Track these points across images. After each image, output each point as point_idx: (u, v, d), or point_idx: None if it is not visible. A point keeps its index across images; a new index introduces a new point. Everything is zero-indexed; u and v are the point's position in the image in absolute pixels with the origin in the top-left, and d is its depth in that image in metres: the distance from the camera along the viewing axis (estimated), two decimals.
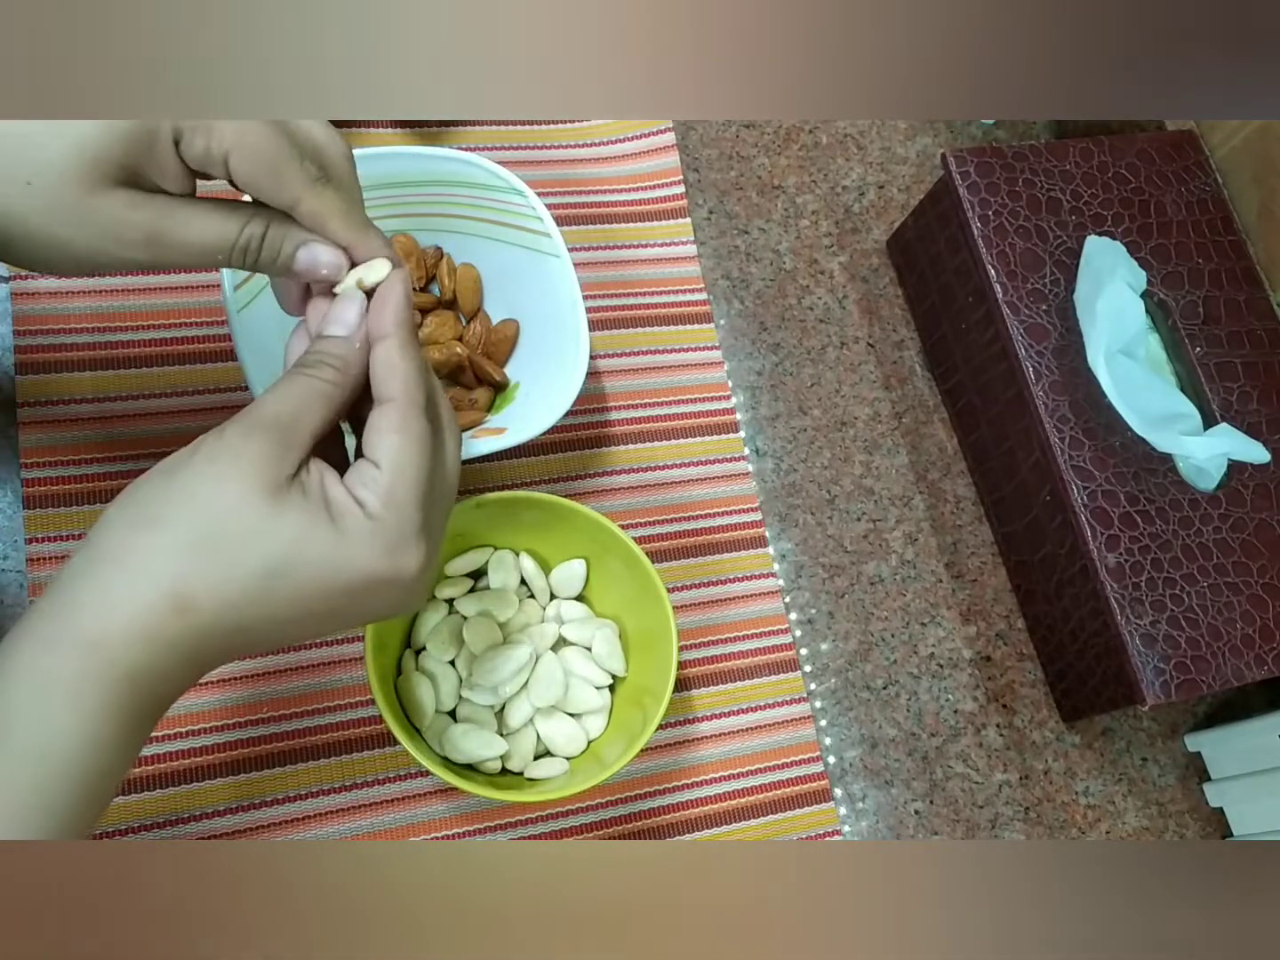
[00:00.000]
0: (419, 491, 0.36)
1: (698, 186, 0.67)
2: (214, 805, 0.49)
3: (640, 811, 0.54)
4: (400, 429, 0.36)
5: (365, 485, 0.35)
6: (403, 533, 0.35)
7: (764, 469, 0.62)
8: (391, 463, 0.36)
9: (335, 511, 0.35)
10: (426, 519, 0.36)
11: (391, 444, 0.36)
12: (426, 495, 0.36)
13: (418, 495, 0.36)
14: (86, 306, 0.54)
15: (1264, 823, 0.59)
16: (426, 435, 0.37)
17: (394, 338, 0.37)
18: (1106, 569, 0.55)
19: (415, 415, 0.36)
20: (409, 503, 0.36)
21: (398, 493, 0.35)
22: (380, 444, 0.36)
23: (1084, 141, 0.64)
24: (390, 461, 0.36)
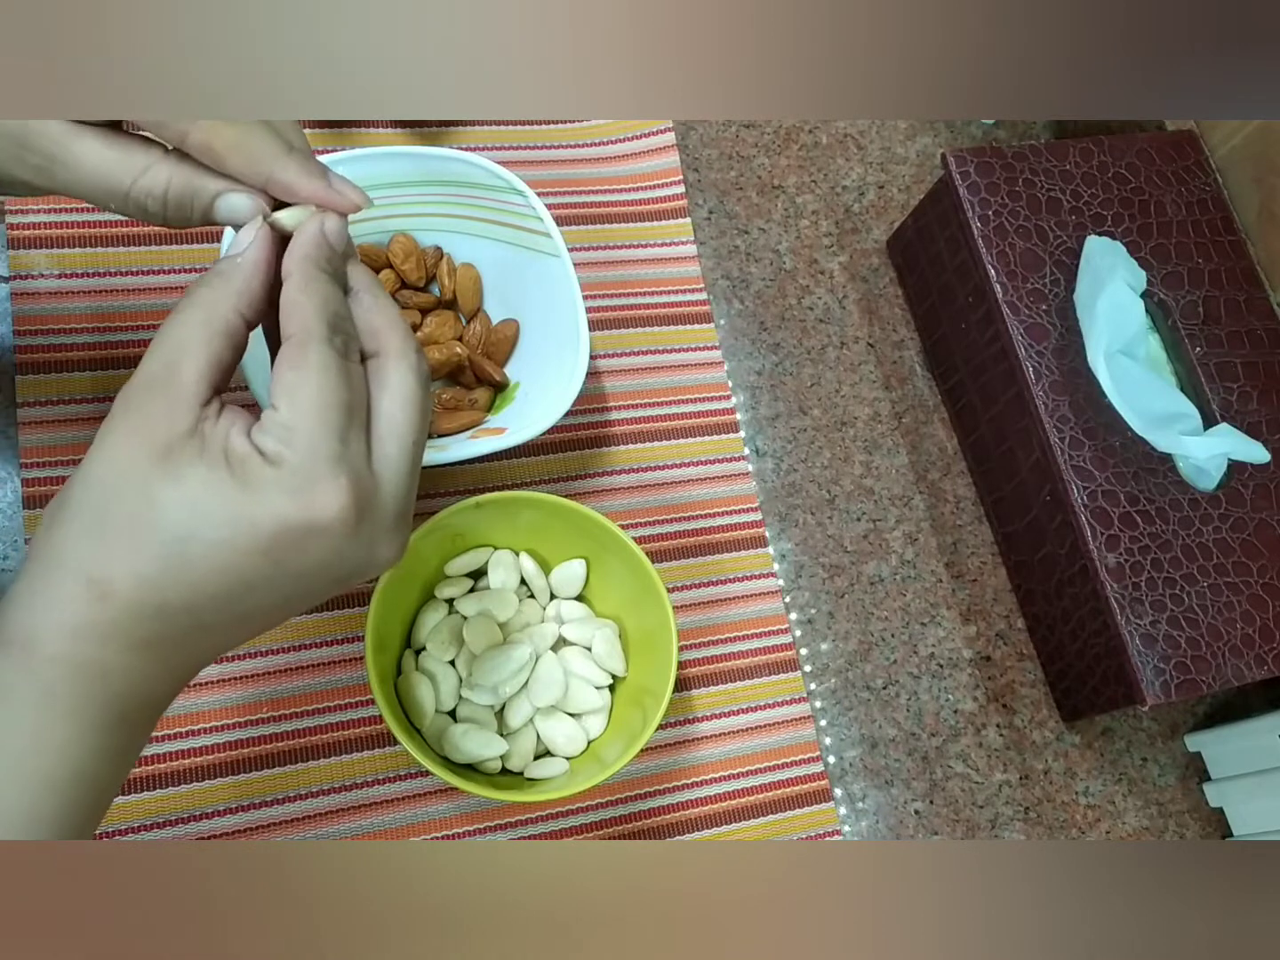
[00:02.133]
0: (323, 423, 0.32)
1: (698, 186, 0.67)
2: (214, 805, 0.49)
3: (640, 811, 0.54)
4: (295, 364, 0.33)
5: (264, 430, 0.32)
6: (310, 470, 0.32)
7: (764, 469, 0.62)
8: (288, 400, 0.32)
9: (234, 462, 0.32)
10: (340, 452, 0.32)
11: (287, 380, 0.33)
12: (338, 426, 0.33)
13: (323, 427, 0.32)
14: (86, 306, 0.54)
15: (1264, 823, 0.59)
16: (328, 365, 0.33)
17: (296, 274, 0.34)
18: (1106, 569, 0.55)
19: (314, 347, 0.33)
20: (314, 436, 0.32)
21: (298, 429, 0.32)
22: (277, 384, 0.33)
23: (1084, 141, 0.64)
24: (287, 399, 0.32)
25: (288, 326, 0.34)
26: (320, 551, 0.33)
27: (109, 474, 0.32)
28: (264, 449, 0.32)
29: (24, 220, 0.55)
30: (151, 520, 0.31)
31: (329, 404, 0.33)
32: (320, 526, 0.32)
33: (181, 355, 0.33)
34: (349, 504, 0.32)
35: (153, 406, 0.32)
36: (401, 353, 0.35)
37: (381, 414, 0.35)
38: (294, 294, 0.34)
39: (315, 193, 0.35)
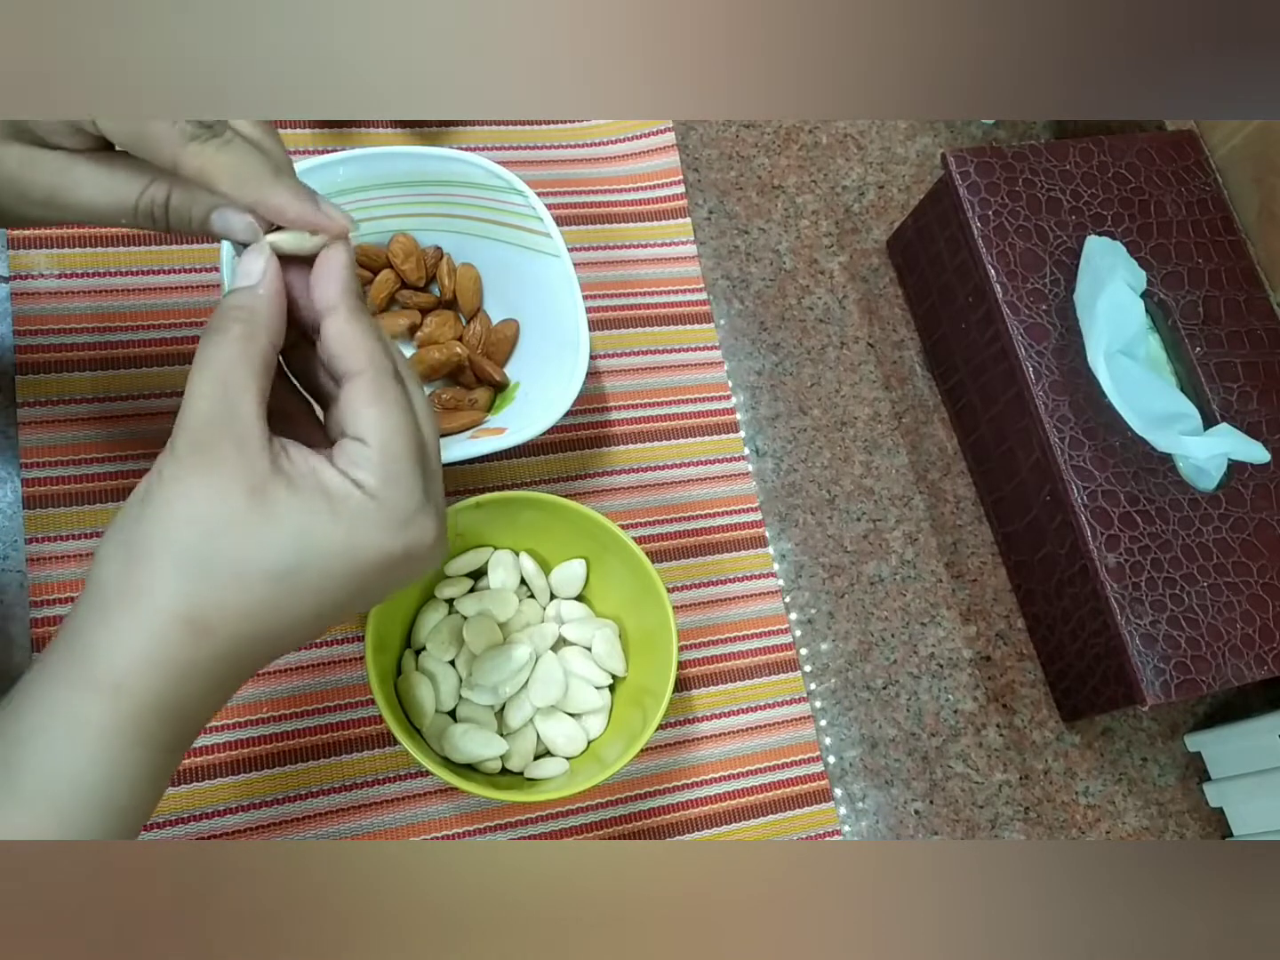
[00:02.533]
0: (414, 460, 0.35)
1: (698, 186, 0.67)
2: (214, 805, 0.49)
3: (640, 811, 0.54)
4: (377, 400, 0.34)
5: (359, 465, 0.34)
6: (410, 505, 0.34)
7: (764, 469, 0.62)
8: (379, 437, 0.34)
9: (335, 498, 0.33)
10: (426, 485, 0.35)
11: (373, 416, 0.34)
12: (421, 462, 0.35)
13: (414, 464, 0.35)
14: (86, 306, 0.54)
15: (1264, 823, 0.59)
16: (405, 401, 0.35)
17: (343, 306, 0.35)
18: (1106, 569, 0.55)
19: (389, 384, 0.35)
20: (407, 473, 0.34)
21: (394, 466, 0.34)
22: (361, 419, 0.34)
23: (1084, 141, 0.64)
24: (378, 436, 0.34)
25: (352, 360, 0.35)
26: (407, 570, 0.35)
27: (197, 513, 0.32)
28: (363, 484, 0.34)
29: None
30: (258, 558, 0.32)
31: (413, 441, 0.35)
32: (416, 556, 0.35)
33: (236, 393, 0.33)
34: (438, 533, 0.35)
35: (224, 448, 0.33)
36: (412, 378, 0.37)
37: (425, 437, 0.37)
38: (346, 327, 0.35)
39: (305, 216, 0.35)
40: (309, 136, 0.61)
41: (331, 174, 0.54)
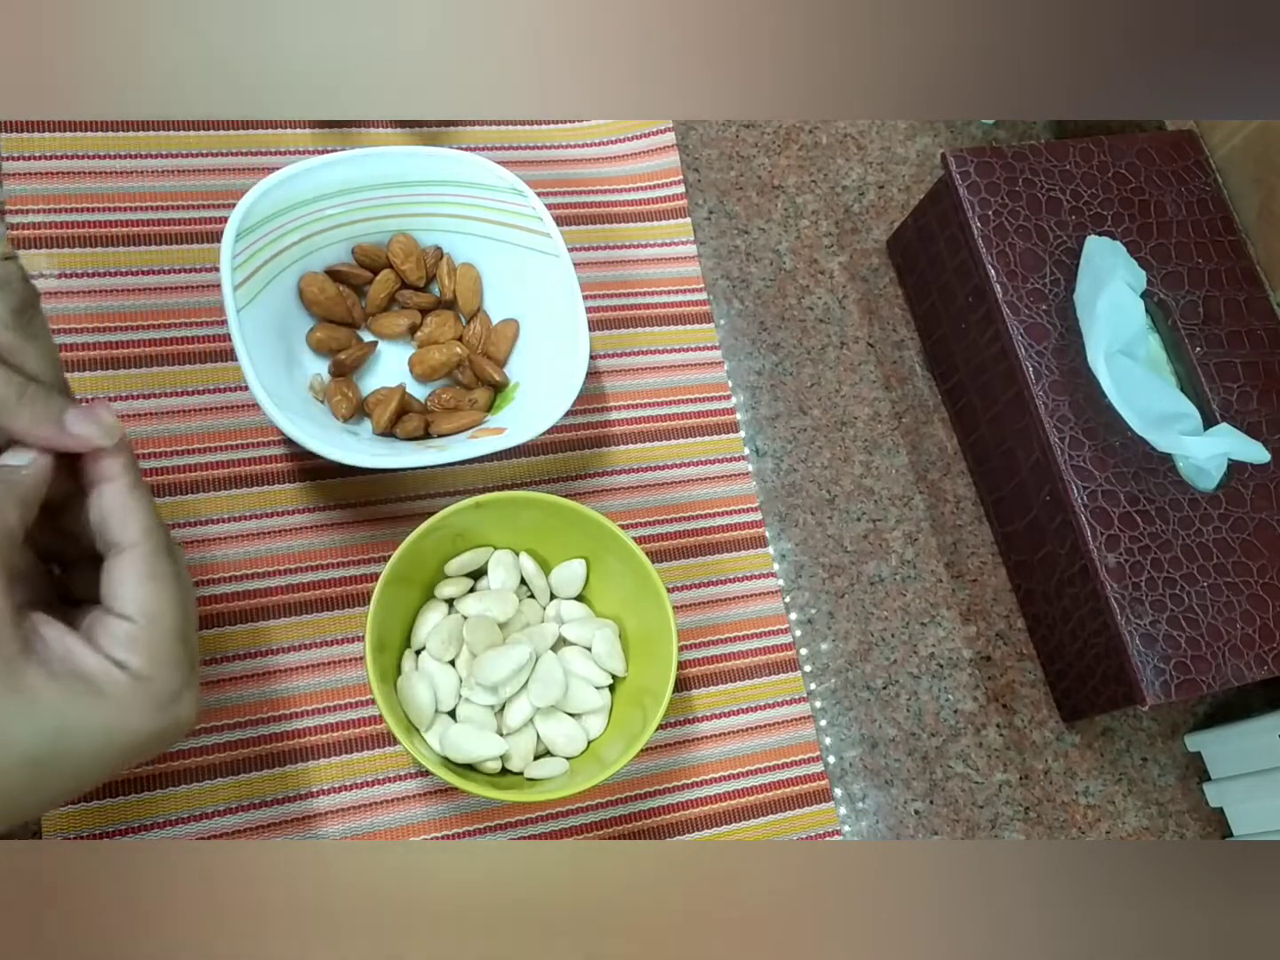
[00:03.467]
0: (180, 637, 0.34)
1: (698, 186, 0.67)
2: (214, 805, 0.49)
3: (640, 811, 0.54)
4: (152, 577, 0.34)
5: (123, 645, 0.33)
6: (176, 683, 0.34)
7: (764, 469, 0.62)
8: (147, 614, 0.34)
9: (96, 681, 0.32)
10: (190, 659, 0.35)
11: (146, 594, 0.34)
12: (186, 638, 0.35)
13: (180, 641, 0.34)
14: (86, 306, 0.54)
15: (1264, 823, 0.59)
16: (177, 575, 0.35)
17: (124, 479, 0.35)
18: (1106, 569, 0.55)
19: (164, 560, 0.35)
20: (174, 652, 0.34)
21: (163, 646, 0.34)
22: (129, 595, 0.34)
23: (1084, 141, 0.64)
24: (146, 613, 0.34)
25: (125, 533, 0.34)
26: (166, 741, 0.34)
27: None
28: (126, 665, 0.33)
29: (24, 220, 0.55)
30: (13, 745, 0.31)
31: (181, 619, 0.34)
32: (180, 728, 0.34)
33: None
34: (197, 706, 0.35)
35: None
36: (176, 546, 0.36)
37: None
38: (124, 499, 0.35)
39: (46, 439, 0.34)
40: (309, 136, 0.61)
41: (331, 174, 0.54)
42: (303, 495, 0.54)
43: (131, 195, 0.57)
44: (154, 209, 0.57)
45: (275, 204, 0.52)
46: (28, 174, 0.56)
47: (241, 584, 0.52)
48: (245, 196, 0.51)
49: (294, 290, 0.55)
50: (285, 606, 0.52)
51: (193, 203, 0.58)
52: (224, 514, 0.53)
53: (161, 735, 0.34)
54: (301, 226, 0.54)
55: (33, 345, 0.35)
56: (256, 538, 0.53)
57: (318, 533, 0.54)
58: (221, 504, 0.53)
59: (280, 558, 0.53)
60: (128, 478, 0.35)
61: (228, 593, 0.52)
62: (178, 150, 0.58)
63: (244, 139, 0.60)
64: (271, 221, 0.52)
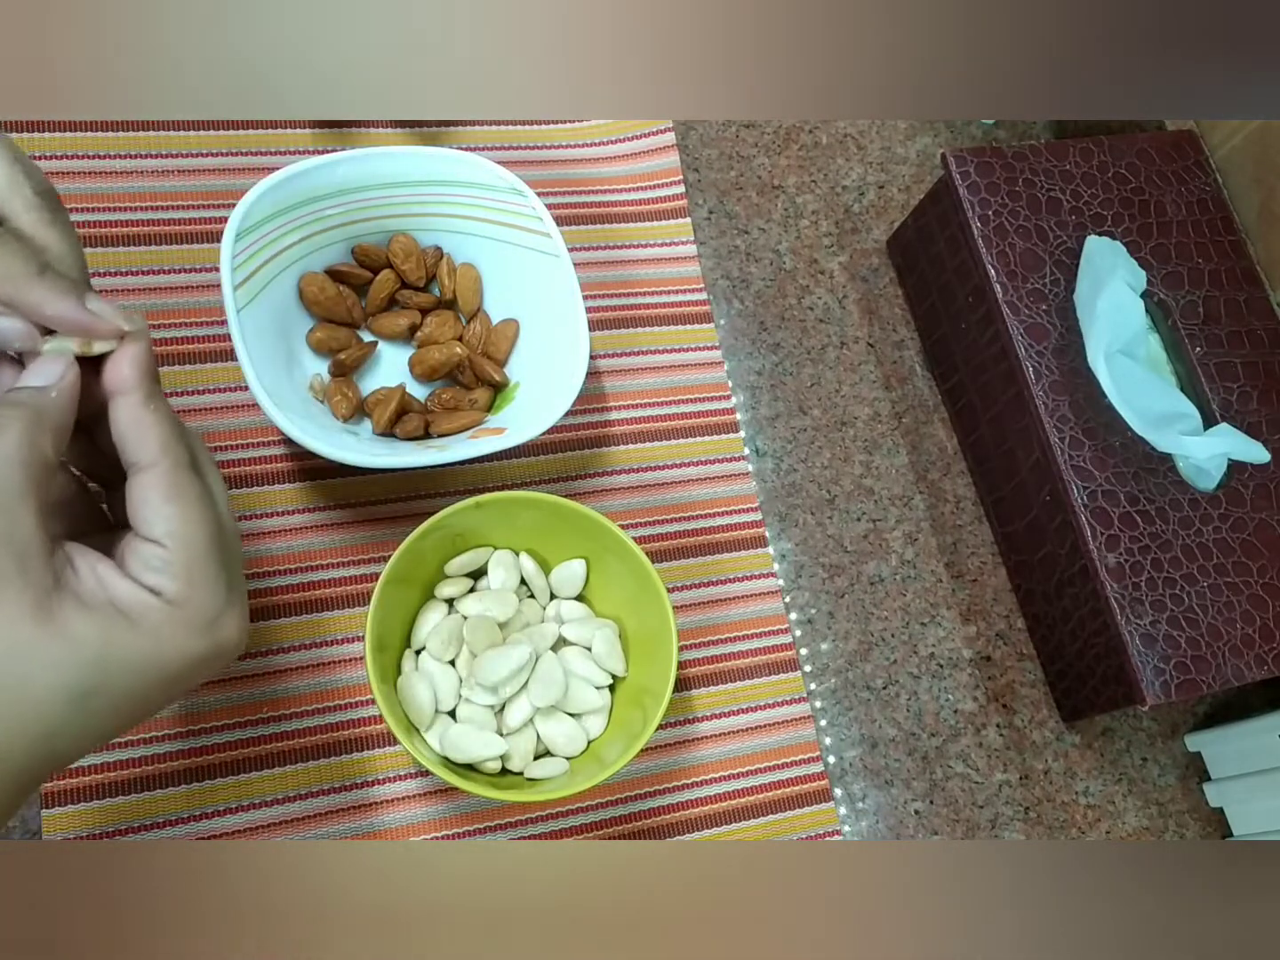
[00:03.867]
0: (215, 556, 0.33)
1: (698, 186, 0.67)
2: (214, 805, 0.49)
3: (640, 811, 0.54)
4: (175, 496, 0.32)
5: (156, 570, 0.32)
6: (216, 605, 0.33)
7: (764, 469, 0.62)
8: (178, 536, 0.32)
9: (131, 611, 0.31)
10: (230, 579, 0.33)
11: (170, 514, 0.32)
12: (223, 556, 0.33)
13: (216, 561, 0.33)
14: None
15: (1264, 823, 0.59)
16: (204, 494, 0.33)
17: (139, 391, 0.33)
18: (1106, 569, 0.55)
19: (187, 477, 0.33)
20: (211, 572, 0.33)
21: (195, 567, 0.32)
22: (156, 517, 0.32)
23: (1084, 141, 0.64)
24: (176, 535, 0.32)
25: (143, 451, 0.33)
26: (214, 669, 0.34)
27: None
28: (160, 589, 0.32)
29: None
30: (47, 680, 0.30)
31: (214, 537, 0.33)
32: (224, 653, 0.33)
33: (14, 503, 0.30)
34: (243, 626, 0.34)
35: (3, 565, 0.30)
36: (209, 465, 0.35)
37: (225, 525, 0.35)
38: (139, 413, 0.33)
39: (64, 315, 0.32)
40: (309, 136, 0.61)
41: (331, 174, 0.54)
42: (303, 495, 0.54)
43: (131, 195, 0.57)
44: (154, 209, 0.57)
45: (275, 204, 0.52)
46: None
47: None
48: (245, 196, 0.51)
49: (294, 290, 0.55)
50: (285, 606, 0.52)
51: (193, 203, 0.58)
52: None
53: (206, 660, 0.33)
54: (301, 226, 0.54)
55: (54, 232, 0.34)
56: (256, 538, 0.53)
57: (318, 533, 0.54)
58: None
59: (280, 558, 0.53)
60: (141, 390, 0.33)
61: None
62: (178, 150, 0.58)
63: (244, 139, 0.60)
64: (271, 221, 0.52)
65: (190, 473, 0.33)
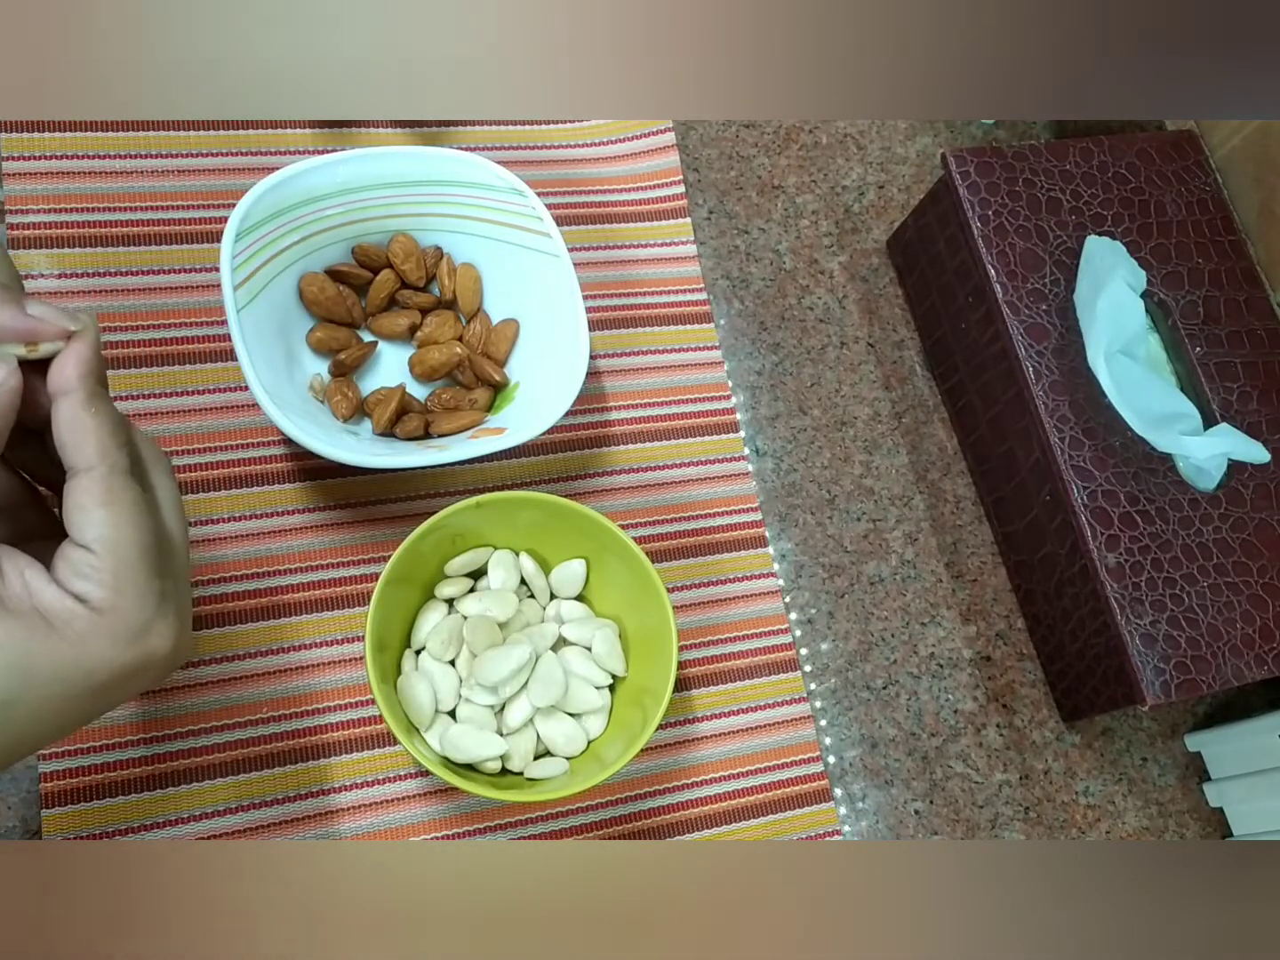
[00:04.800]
0: (148, 564, 0.32)
1: (698, 186, 0.67)
2: (214, 805, 0.49)
3: (640, 811, 0.54)
4: (108, 501, 0.32)
5: (82, 575, 0.31)
6: (144, 615, 0.32)
7: (764, 469, 0.62)
8: (107, 542, 0.31)
9: (56, 619, 0.31)
10: (163, 588, 0.32)
11: (101, 520, 0.31)
12: (158, 564, 0.32)
13: (148, 569, 0.32)
14: (86, 306, 0.54)
15: (1264, 823, 0.59)
16: (139, 500, 0.32)
17: (79, 392, 0.32)
18: (1106, 569, 0.55)
19: (121, 483, 0.32)
20: (138, 581, 0.32)
21: (124, 575, 0.31)
22: (87, 523, 0.31)
23: (1084, 141, 0.64)
24: (106, 541, 0.31)
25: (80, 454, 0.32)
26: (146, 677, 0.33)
27: None
28: (86, 596, 0.31)
29: (24, 220, 0.55)
30: None
31: (147, 545, 0.32)
32: (156, 663, 0.32)
33: None
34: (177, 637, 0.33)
35: None
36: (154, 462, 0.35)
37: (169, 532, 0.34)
38: (79, 414, 0.32)
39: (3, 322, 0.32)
40: (309, 136, 0.61)
41: (331, 174, 0.54)
42: (303, 495, 0.54)
43: (131, 195, 0.57)
44: (154, 209, 0.57)
45: (275, 204, 0.52)
46: (28, 174, 0.56)
47: (242, 584, 0.52)
48: (245, 196, 0.51)
49: (294, 290, 0.55)
50: (285, 606, 0.52)
51: (193, 203, 0.58)
52: (224, 514, 0.53)
53: (134, 670, 0.32)
54: (301, 226, 0.54)
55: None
56: (257, 538, 0.53)
57: (318, 533, 0.54)
58: (222, 504, 0.53)
59: (280, 558, 0.53)
60: (83, 390, 0.32)
61: (228, 593, 0.52)
62: (178, 150, 0.58)
63: (244, 139, 0.60)
64: (271, 221, 0.52)
65: (127, 478, 0.32)
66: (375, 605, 0.47)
